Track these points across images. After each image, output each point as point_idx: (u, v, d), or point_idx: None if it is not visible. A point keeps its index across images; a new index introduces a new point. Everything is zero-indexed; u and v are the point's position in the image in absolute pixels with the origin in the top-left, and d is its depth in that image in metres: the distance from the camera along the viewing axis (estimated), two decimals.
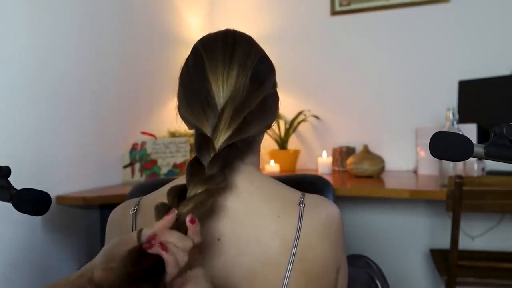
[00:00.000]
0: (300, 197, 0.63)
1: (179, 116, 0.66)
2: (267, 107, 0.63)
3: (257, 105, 0.60)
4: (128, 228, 0.62)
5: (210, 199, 0.53)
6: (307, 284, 0.58)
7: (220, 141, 0.56)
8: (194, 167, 0.55)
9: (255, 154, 0.67)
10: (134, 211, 0.63)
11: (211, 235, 0.57)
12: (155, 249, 0.46)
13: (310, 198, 0.64)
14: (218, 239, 0.57)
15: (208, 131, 0.58)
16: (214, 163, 0.55)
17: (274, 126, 0.70)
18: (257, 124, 0.61)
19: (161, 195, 0.65)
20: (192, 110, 0.60)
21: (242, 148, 0.60)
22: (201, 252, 0.55)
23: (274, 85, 0.67)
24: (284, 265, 0.57)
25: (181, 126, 0.68)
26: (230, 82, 0.59)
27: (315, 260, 0.59)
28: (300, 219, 0.60)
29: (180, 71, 0.66)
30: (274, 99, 0.66)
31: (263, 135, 0.69)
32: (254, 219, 0.59)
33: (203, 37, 0.67)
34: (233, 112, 0.57)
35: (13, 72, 1.30)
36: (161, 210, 0.51)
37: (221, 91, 0.59)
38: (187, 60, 0.65)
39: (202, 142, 0.57)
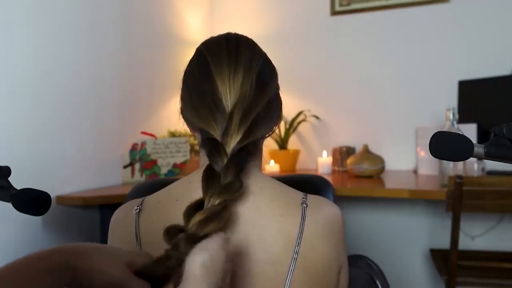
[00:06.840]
0: (303, 198, 0.63)
1: (181, 117, 0.66)
2: (272, 110, 0.63)
3: (263, 108, 0.60)
4: (131, 228, 0.62)
5: (227, 212, 0.51)
6: (309, 283, 0.58)
7: (231, 145, 0.55)
8: (209, 176, 0.54)
9: (258, 156, 0.68)
10: (138, 210, 0.63)
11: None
12: None
13: (313, 198, 0.64)
14: None
15: (217, 134, 0.57)
16: (229, 169, 0.54)
17: None
18: (263, 127, 0.61)
19: (164, 195, 0.65)
20: (198, 113, 0.60)
21: (251, 151, 0.60)
22: None
23: (277, 88, 0.67)
24: (287, 264, 0.57)
25: (183, 127, 0.68)
26: (237, 85, 0.58)
27: (318, 259, 0.59)
28: (303, 218, 0.60)
29: (183, 74, 0.66)
30: (277, 102, 0.67)
31: (265, 138, 0.69)
32: (257, 218, 0.59)
33: (206, 40, 0.66)
34: (242, 115, 0.56)
35: (14, 73, 1.29)
36: (171, 232, 0.49)
37: (228, 94, 0.58)
38: (191, 62, 0.65)
39: (213, 146, 0.56)
